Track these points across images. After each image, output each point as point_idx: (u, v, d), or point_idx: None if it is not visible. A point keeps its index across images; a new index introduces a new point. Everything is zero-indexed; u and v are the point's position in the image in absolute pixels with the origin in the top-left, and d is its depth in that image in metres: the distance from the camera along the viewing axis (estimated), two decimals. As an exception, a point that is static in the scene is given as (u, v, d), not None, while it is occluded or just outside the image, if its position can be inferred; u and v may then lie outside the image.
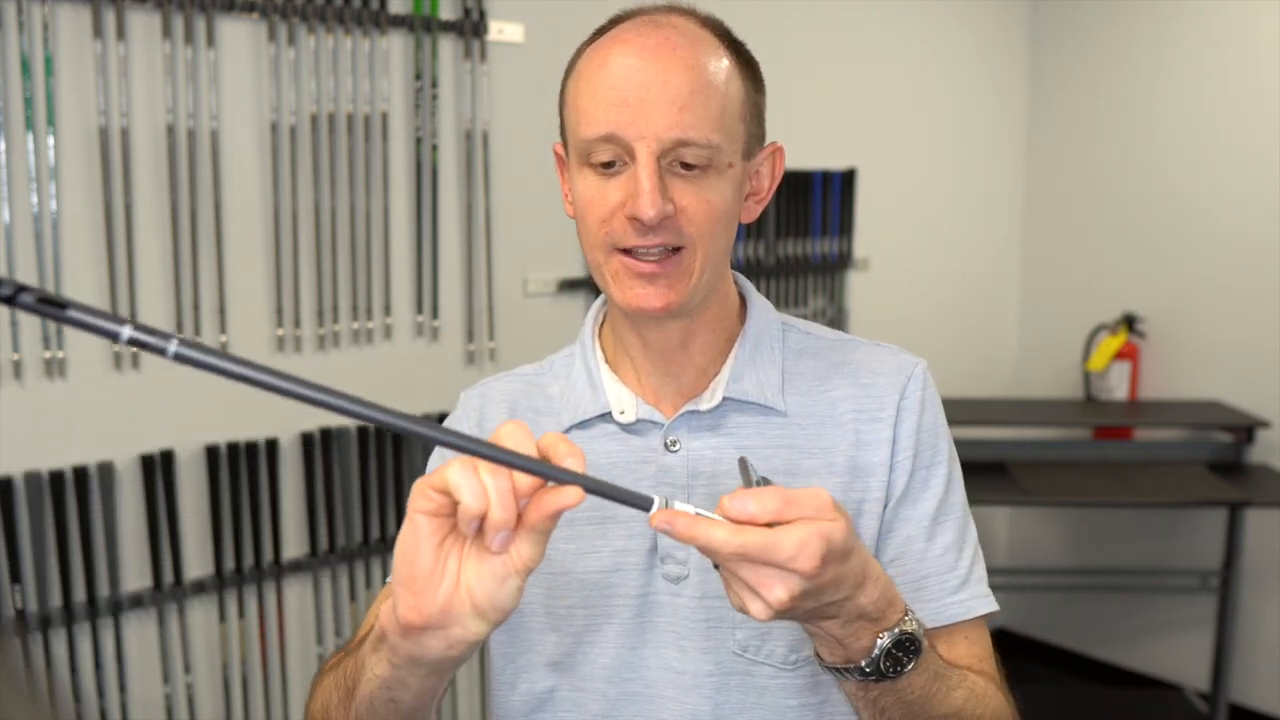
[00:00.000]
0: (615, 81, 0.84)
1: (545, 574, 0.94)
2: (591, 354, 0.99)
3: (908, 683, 0.77)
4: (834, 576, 0.68)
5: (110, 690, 1.98)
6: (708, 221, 0.86)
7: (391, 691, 0.75)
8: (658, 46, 0.84)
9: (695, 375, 0.95)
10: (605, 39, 0.88)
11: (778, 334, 0.97)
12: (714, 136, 0.84)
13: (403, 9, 2.21)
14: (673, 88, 0.83)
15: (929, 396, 0.95)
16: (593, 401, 0.96)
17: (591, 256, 0.90)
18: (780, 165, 0.95)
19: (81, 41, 1.85)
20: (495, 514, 0.62)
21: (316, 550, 2.21)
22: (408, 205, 2.27)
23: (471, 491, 0.62)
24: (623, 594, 0.92)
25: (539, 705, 0.95)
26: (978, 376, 3.58)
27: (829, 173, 3.03)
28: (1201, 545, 3.25)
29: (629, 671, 0.93)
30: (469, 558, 0.66)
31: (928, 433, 0.94)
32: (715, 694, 0.90)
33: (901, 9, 3.22)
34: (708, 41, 0.87)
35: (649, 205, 0.82)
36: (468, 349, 2.39)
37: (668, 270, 0.86)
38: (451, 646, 0.67)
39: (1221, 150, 3.18)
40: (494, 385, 1.05)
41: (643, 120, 0.83)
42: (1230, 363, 3.20)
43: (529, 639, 0.96)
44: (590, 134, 0.85)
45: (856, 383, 0.94)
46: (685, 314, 0.91)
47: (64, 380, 1.88)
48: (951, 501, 0.94)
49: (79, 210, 1.88)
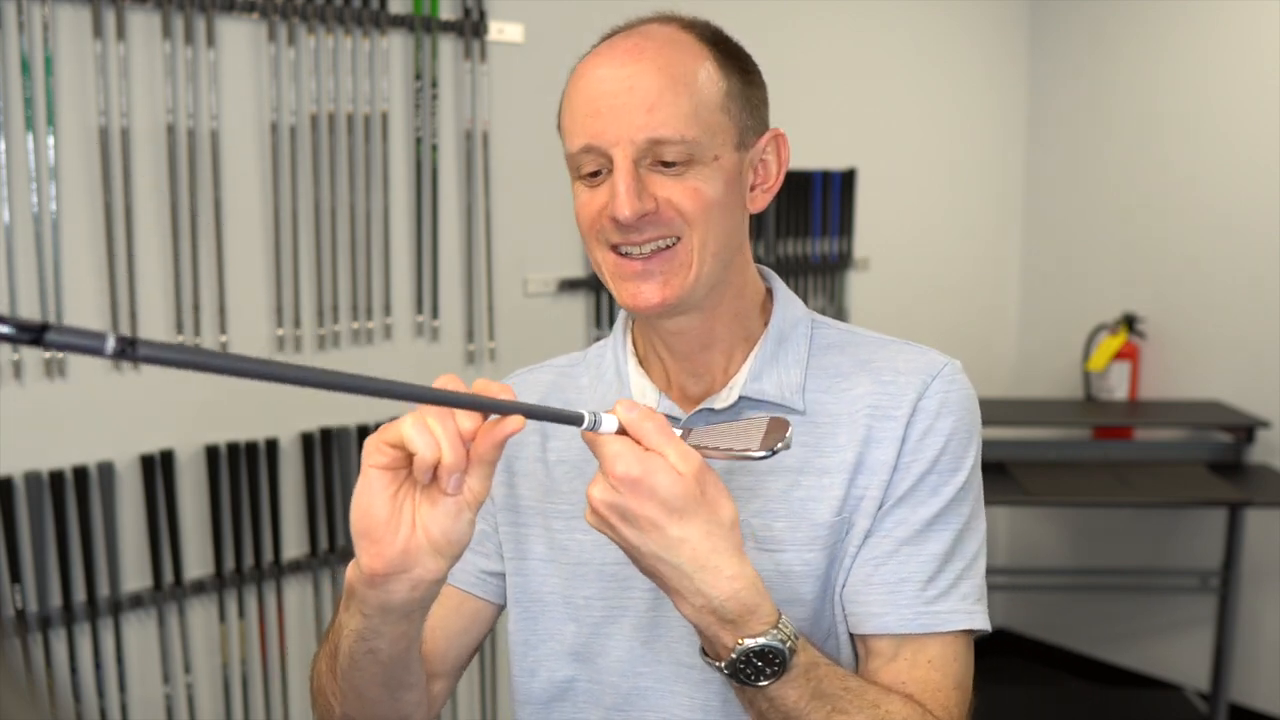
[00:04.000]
0: (589, 94, 0.87)
1: (564, 564, 0.97)
2: (621, 347, 1.00)
3: (778, 693, 0.77)
4: (644, 512, 0.72)
5: (110, 690, 1.98)
6: (698, 210, 0.86)
7: (368, 642, 0.79)
8: (625, 53, 0.87)
9: (719, 375, 0.95)
10: (585, 58, 0.91)
11: (804, 330, 0.96)
12: (688, 132, 0.85)
13: (403, 9, 2.21)
14: (640, 91, 0.85)
15: (955, 399, 0.91)
16: (617, 394, 0.97)
17: (593, 258, 0.92)
18: (785, 150, 0.95)
19: (81, 41, 1.85)
20: (447, 457, 0.68)
21: (316, 550, 2.21)
22: (408, 205, 2.27)
23: (424, 443, 0.68)
24: (637, 586, 0.93)
25: (559, 694, 0.97)
26: (978, 376, 3.54)
27: (829, 173, 3.03)
28: (1201, 545, 3.25)
29: (642, 665, 0.94)
30: (422, 502, 0.72)
31: (955, 439, 0.90)
32: (724, 689, 0.91)
33: (901, 9, 3.22)
34: (680, 41, 0.88)
35: (624, 205, 0.84)
36: (468, 349, 2.39)
37: (660, 266, 0.87)
38: (415, 587, 0.73)
39: (1222, 150, 3.18)
40: (526, 377, 1.06)
41: (615, 126, 0.85)
42: (1230, 363, 3.19)
43: (549, 627, 0.97)
44: (573, 148, 0.88)
45: (878, 379, 0.92)
46: (693, 309, 0.91)
47: (64, 380, 1.88)
48: (958, 513, 0.90)
49: (79, 210, 1.88)
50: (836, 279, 3.11)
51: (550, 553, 0.97)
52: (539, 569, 0.98)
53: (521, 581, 0.99)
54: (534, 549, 0.98)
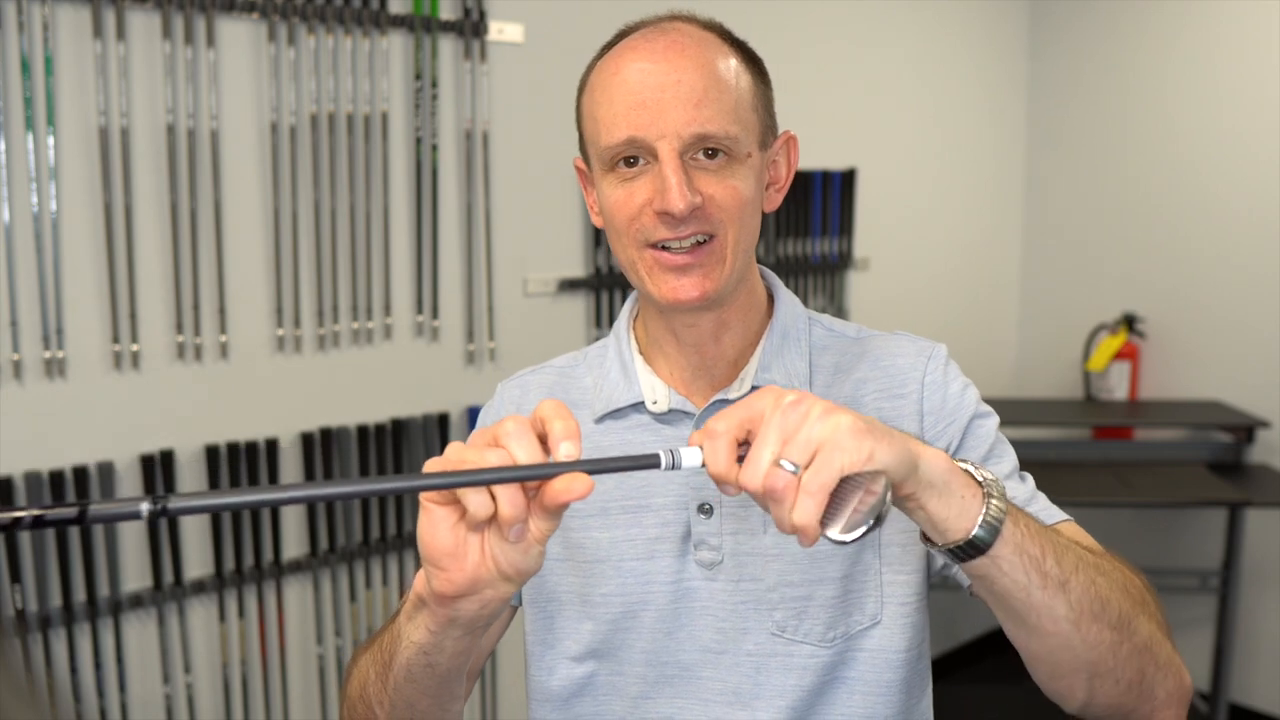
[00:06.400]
0: (631, 87, 0.87)
1: (581, 562, 0.97)
2: (626, 344, 1.01)
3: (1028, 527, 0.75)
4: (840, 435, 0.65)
5: (110, 690, 1.97)
6: (736, 208, 0.89)
7: (429, 656, 0.78)
8: (667, 49, 0.88)
9: (726, 368, 0.97)
10: (615, 51, 0.91)
11: (804, 327, 0.99)
12: (731, 128, 0.87)
13: (403, 9, 2.21)
14: (686, 86, 0.86)
15: (952, 374, 0.97)
16: (626, 391, 0.98)
17: (624, 256, 0.92)
18: (795, 153, 0.98)
19: (81, 41, 1.85)
20: (505, 513, 0.65)
21: (316, 550, 2.21)
22: (408, 205, 2.27)
23: (477, 503, 0.65)
24: (658, 581, 0.94)
25: (578, 690, 0.97)
26: (978, 376, 3.55)
27: (829, 173, 3.03)
28: (1201, 545, 3.25)
29: (666, 655, 0.94)
30: (490, 533, 0.68)
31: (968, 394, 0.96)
32: (755, 673, 0.92)
33: (901, 10, 3.22)
34: (712, 41, 0.90)
35: (678, 199, 0.85)
36: (468, 349, 2.39)
37: (700, 259, 0.89)
38: (485, 606, 0.71)
39: (1222, 150, 3.18)
40: (530, 378, 1.07)
41: (662, 120, 0.86)
42: (1230, 363, 3.19)
43: (566, 626, 0.98)
44: (612, 140, 0.88)
45: (877, 365, 0.97)
46: (719, 304, 0.93)
47: (64, 380, 1.88)
48: (1006, 452, 0.96)
49: (79, 210, 1.88)
50: (836, 279, 3.11)
51: (565, 551, 0.98)
52: (554, 568, 0.98)
53: (537, 581, 0.99)
54: (549, 548, 0.99)
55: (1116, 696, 0.80)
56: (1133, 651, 0.78)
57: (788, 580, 0.92)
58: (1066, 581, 0.75)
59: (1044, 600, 0.74)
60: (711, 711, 0.93)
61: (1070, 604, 0.74)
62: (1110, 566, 0.81)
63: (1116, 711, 0.81)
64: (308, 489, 0.61)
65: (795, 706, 0.92)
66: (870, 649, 0.92)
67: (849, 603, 0.92)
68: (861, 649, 0.92)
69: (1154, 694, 0.81)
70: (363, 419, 2.25)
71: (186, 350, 2.01)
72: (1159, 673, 0.80)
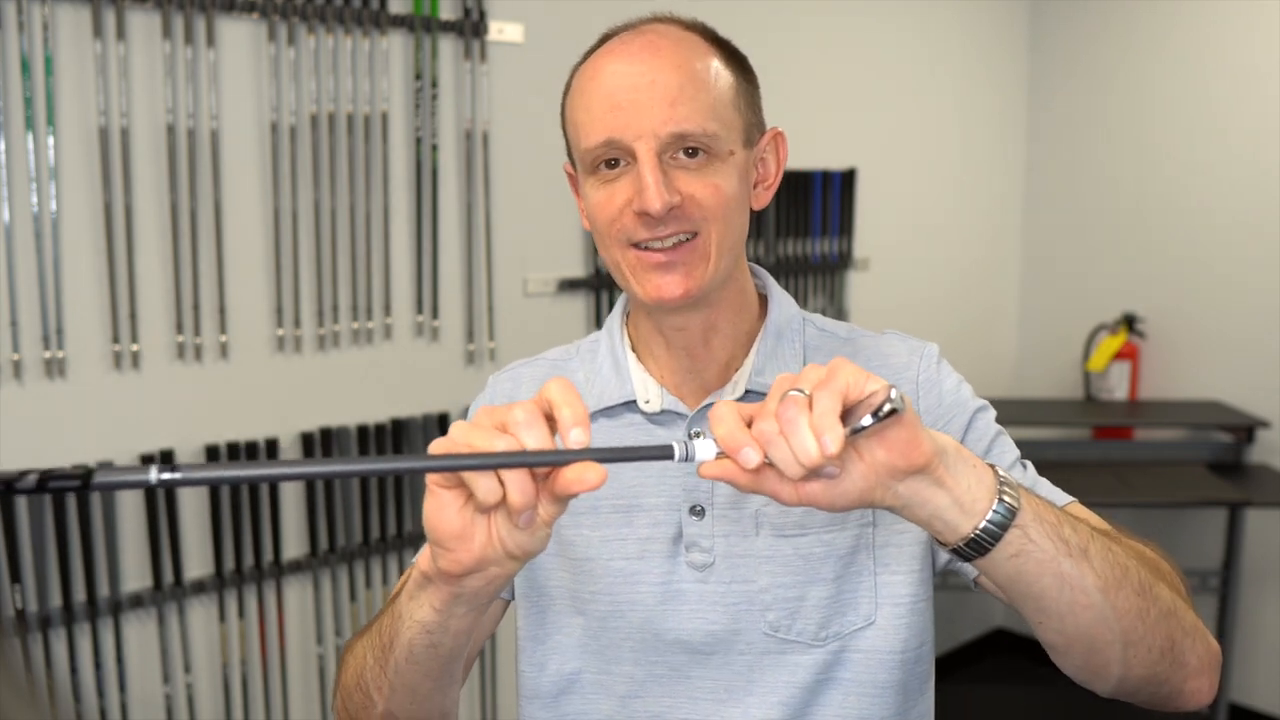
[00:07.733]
0: (607, 89, 0.88)
1: (571, 559, 0.97)
2: (619, 341, 1.00)
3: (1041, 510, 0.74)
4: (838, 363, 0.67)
5: (110, 690, 1.98)
6: (718, 205, 0.88)
7: (432, 635, 0.77)
8: (642, 49, 0.88)
9: (718, 370, 0.96)
10: (594, 55, 0.92)
11: (799, 327, 0.99)
12: (709, 125, 0.87)
13: (403, 9, 2.21)
14: (661, 85, 0.86)
15: (944, 371, 0.97)
16: (618, 388, 0.97)
17: (609, 257, 0.92)
18: (784, 149, 0.97)
19: (81, 41, 1.85)
20: (514, 500, 0.64)
21: (316, 550, 2.21)
22: (408, 205, 2.27)
23: (485, 489, 0.64)
24: (648, 581, 0.94)
25: (567, 687, 0.97)
26: (978, 376, 3.57)
27: (829, 173, 3.03)
28: (1201, 545, 3.25)
29: (655, 655, 0.94)
30: (497, 513, 0.68)
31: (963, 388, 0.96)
32: (748, 671, 0.92)
33: (901, 10, 3.22)
34: (690, 40, 0.91)
35: (655, 199, 0.85)
36: (468, 349, 2.39)
37: (683, 257, 0.88)
38: (491, 583, 0.72)
39: (1221, 150, 3.18)
40: (523, 370, 1.07)
41: (638, 120, 0.86)
42: (1230, 363, 3.20)
43: (557, 621, 0.98)
44: (591, 143, 0.88)
45: (869, 365, 0.96)
46: (705, 304, 0.92)
47: (64, 380, 1.88)
48: (1007, 444, 0.95)
49: (79, 210, 1.88)
50: (836, 279, 3.11)
51: (556, 547, 0.98)
52: (545, 563, 0.98)
53: (529, 576, 0.99)
54: None
55: (1150, 665, 0.79)
56: (1160, 616, 0.77)
57: (780, 582, 0.92)
58: (1086, 548, 0.74)
59: (1073, 571, 0.73)
60: (701, 709, 0.93)
61: (1096, 571, 0.74)
62: (1120, 536, 0.82)
63: (1150, 682, 0.80)
64: (314, 465, 0.61)
65: (788, 704, 0.92)
66: (864, 650, 0.92)
67: (843, 603, 0.92)
68: (855, 649, 0.92)
69: (1185, 660, 0.80)
70: (363, 419, 2.25)
71: (186, 350, 2.01)
72: (1187, 638, 0.80)
